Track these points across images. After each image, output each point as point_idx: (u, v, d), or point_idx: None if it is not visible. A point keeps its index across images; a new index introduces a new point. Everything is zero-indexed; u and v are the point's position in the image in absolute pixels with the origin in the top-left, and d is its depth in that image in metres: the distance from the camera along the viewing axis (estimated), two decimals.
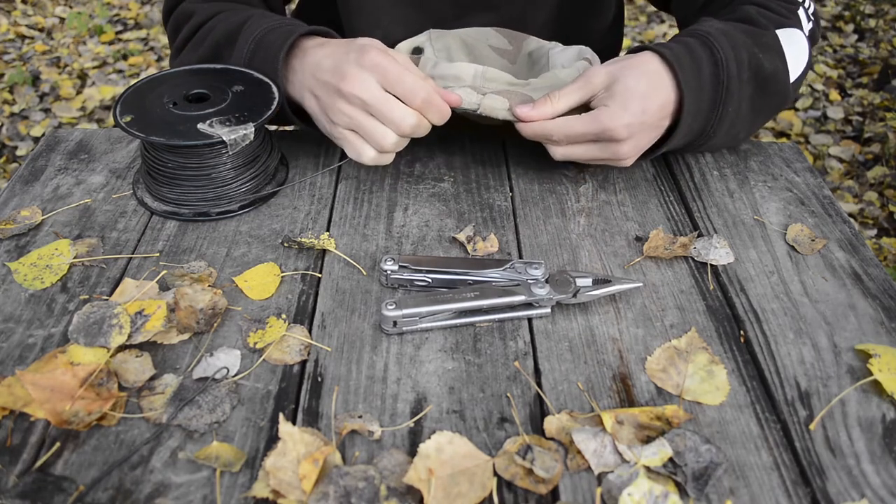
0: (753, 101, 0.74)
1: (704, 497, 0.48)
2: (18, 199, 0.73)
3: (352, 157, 0.70)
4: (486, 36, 0.84)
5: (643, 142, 0.71)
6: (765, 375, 0.56)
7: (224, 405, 0.53)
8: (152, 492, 0.47)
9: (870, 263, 0.67)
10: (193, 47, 0.81)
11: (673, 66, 0.69)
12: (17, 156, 2.37)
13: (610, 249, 0.68)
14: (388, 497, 0.47)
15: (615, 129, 0.68)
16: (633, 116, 0.67)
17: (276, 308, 0.61)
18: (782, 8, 0.80)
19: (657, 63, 0.69)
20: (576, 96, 0.69)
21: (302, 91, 0.72)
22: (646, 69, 0.69)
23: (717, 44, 0.70)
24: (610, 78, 0.69)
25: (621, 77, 0.68)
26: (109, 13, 3.26)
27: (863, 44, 3.07)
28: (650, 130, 0.70)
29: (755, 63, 0.72)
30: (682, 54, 0.70)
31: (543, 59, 0.81)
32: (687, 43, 0.71)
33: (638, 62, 0.70)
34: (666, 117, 0.71)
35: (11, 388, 0.52)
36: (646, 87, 0.68)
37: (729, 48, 0.70)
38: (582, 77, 0.70)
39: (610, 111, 0.68)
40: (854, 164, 2.33)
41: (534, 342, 0.59)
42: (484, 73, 0.73)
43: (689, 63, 0.70)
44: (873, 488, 0.49)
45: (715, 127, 0.73)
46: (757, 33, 0.74)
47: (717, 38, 0.71)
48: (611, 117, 0.67)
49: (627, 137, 0.69)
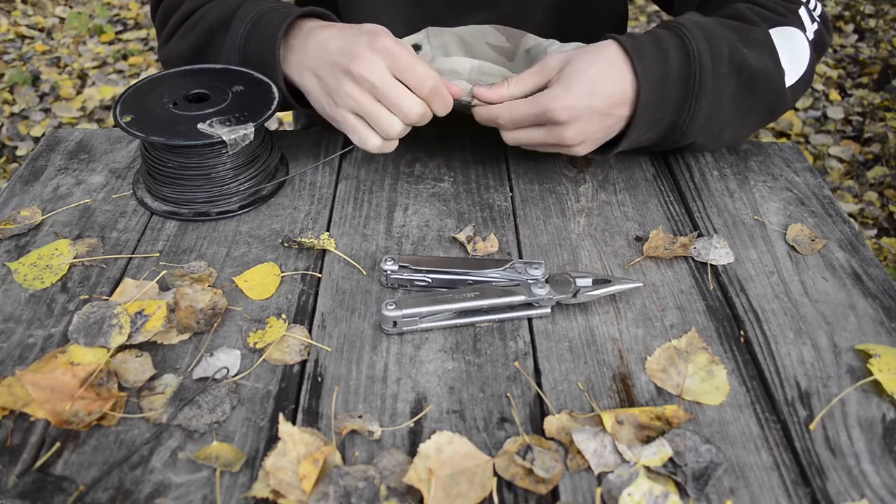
0: (737, 98, 0.71)
1: (704, 497, 0.48)
2: (18, 199, 0.73)
3: (356, 144, 0.69)
4: (483, 34, 0.84)
5: (590, 128, 0.68)
6: (765, 375, 0.56)
7: (224, 405, 0.53)
8: (152, 492, 0.47)
9: (870, 263, 0.67)
10: (184, 34, 0.80)
11: (630, 53, 0.67)
12: (17, 156, 2.37)
13: (610, 249, 0.68)
14: (388, 497, 0.47)
15: (555, 111, 0.66)
16: (576, 99, 0.66)
17: (276, 308, 0.61)
18: (780, 6, 0.77)
19: (614, 49, 0.68)
20: (531, 81, 0.69)
21: (302, 71, 0.71)
22: (600, 55, 0.68)
23: (688, 34, 0.68)
24: (564, 62, 0.68)
25: (573, 60, 0.67)
26: (109, 13, 3.26)
27: (863, 44, 3.07)
28: (599, 117, 0.68)
29: (737, 58, 0.70)
30: (645, 43, 0.68)
31: (541, 56, 0.81)
32: (655, 33, 0.70)
33: (595, 48, 0.68)
34: (619, 105, 0.68)
35: (11, 388, 0.52)
36: (596, 71, 0.66)
37: (703, 40, 0.68)
38: (539, 63, 0.69)
39: (552, 92, 0.67)
40: (854, 164, 2.33)
41: (534, 342, 0.59)
42: (480, 67, 0.74)
43: (653, 52, 0.67)
44: (873, 488, 0.49)
45: (688, 122, 0.70)
46: (744, 29, 0.72)
47: (689, 29, 0.69)
48: (552, 98, 0.66)
49: (569, 120, 0.67)
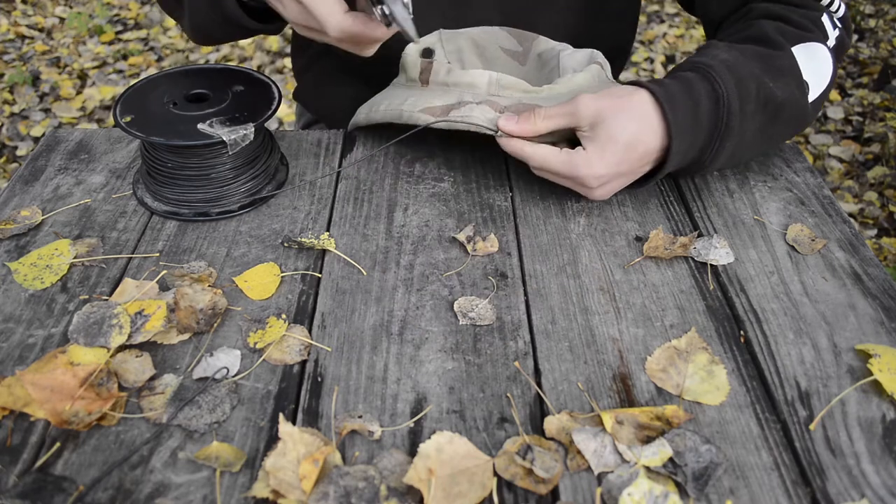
0: (762, 130, 0.71)
1: (704, 497, 0.48)
2: (18, 199, 0.73)
3: None
4: (496, 37, 0.84)
5: (616, 186, 0.70)
6: (765, 375, 0.56)
7: (224, 405, 0.53)
8: (152, 492, 0.47)
9: (870, 263, 0.67)
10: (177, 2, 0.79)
11: (662, 105, 0.65)
12: (17, 156, 2.37)
13: (610, 249, 0.68)
14: (388, 497, 0.47)
15: (586, 179, 0.67)
16: (607, 168, 0.66)
17: (276, 308, 0.61)
18: (804, 19, 0.75)
19: (647, 101, 0.66)
20: (560, 121, 0.68)
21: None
22: (633, 112, 0.66)
23: (718, 78, 0.67)
24: (597, 117, 0.66)
25: (607, 120, 0.65)
26: (109, 13, 3.26)
27: (863, 44, 3.07)
28: (627, 177, 0.69)
29: (765, 93, 0.68)
30: (676, 93, 0.66)
31: (553, 62, 0.81)
32: (686, 79, 0.68)
33: (627, 100, 0.66)
34: (647, 164, 0.69)
35: (11, 388, 0.52)
36: (629, 136, 0.65)
37: (732, 82, 0.67)
38: (571, 104, 0.67)
39: (587, 158, 0.66)
40: (854, 164, 2.33)
41: (534, 342, 0.59)
42: (499, 80, 0.73)
43: (684, 101, 0.66)
44: (873, 488, 0.49)
45: (710, 159, 0.70)
46: (769, 57, 0.71)
47: (719, 72, 0.67)
48: (586, 165, 0.66)
49: (598, 186, 0.68)
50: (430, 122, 0.71)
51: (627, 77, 2.87)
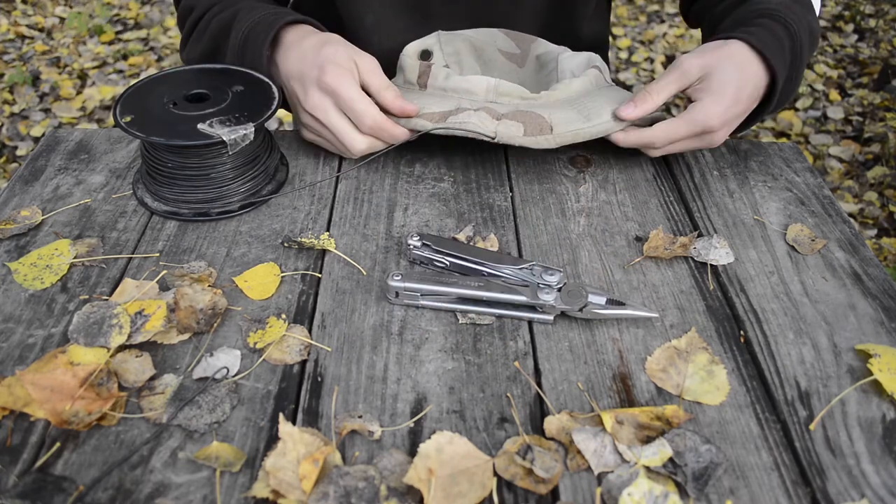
0: (807, 58, 0.78)
1: (704, 497, 0.48)
2: (18, 199, 0.73)
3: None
4: (493, 39, 0.84)
5: (734, 126, 0.76)
6: (765, 375, 0.56)
7: (224, 405, 0.53)
8: (152, 492, 0.47)
9: (870, 263, 0.67)
10: (196, 40, 0.84)
11: (763, 52, 0.72)
12: (17, 156, 2.37)
13: (610, 249, 0.68)
14: (388, 497, 0.47)
15: (712, 124, 0.72)
16: (725, 109, 0.72)
17: (276, 308, 0.61)
18: None
19: (747, 52, 0.73)
20: (672, 87, 0.73)
21: (282, 84, 0.77)
22: (736, 59, 0.73)
23: (787, 18, 0.75)
24: (704, 70, 0.72)
25: (716, 70, 0.72)
26: (109, 13, 3.26)
27: (863, 44, 3.07)
28: (741, 116, 0.75)
29: (810, 27, 0.77)
30: (767, 39, 0.73)
31: (552, 64, 0.81)
32: (765, 25, 0.75)
33: (729, 52, 0.73)
34: (756, 100, 0.75)
35: (11, 388, 0.52)
36: (738, 81, 0.72)
37: (796, 21, 0.75)
38: (676, 69, 0.73)
39: (705, 107, 0.72)
40: (854, 164, 2.33)
41: (534, 342, 0.59)
42: (497, 86, 0.73)
43: (775, 45, 0.73)
44: (873, 488, 0.49)
45: (791, 90, 0.77)
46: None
47: (786, 14, 0.76)
48: (707, 114, 0.72)
49: (721, 127, 0.73)
50: (429, 129, 0.72)
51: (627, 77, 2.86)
